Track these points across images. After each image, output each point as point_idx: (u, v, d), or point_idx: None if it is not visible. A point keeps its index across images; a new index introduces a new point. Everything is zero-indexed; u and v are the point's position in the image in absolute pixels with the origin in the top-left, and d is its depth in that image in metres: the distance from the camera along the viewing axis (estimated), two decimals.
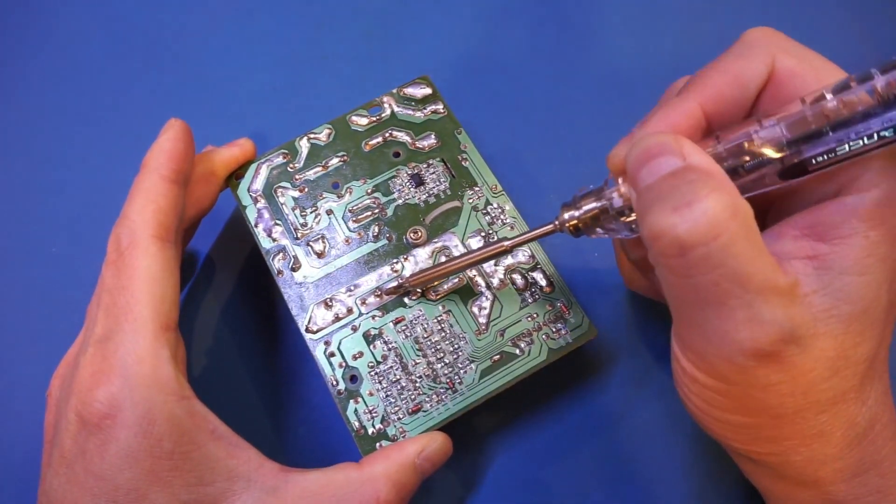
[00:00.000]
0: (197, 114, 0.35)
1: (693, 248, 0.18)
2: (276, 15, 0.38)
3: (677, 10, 0.38)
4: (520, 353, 0.27)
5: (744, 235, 0.18)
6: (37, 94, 0.36)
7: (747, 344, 0.19)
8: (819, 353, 0.19)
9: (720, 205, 0.18)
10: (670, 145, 0.20)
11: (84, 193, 0.34)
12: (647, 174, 0.20)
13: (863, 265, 0.20)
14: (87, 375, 0.22)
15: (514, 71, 0.37)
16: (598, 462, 0.29)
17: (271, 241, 0.29)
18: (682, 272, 0.19)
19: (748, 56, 0.22)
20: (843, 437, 0.20)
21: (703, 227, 0.18)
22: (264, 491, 0.23)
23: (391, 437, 0.26)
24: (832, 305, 0.19)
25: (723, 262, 0.18)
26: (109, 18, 0.38)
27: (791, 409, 0.20)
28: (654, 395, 0.30)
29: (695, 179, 0.19)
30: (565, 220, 0.24)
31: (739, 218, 0.18)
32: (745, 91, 0.22)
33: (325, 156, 0.30)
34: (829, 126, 0.19)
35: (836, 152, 0.19)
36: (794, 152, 0.20)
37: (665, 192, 0.19)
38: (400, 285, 0.27)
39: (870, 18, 0.38)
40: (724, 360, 0.19)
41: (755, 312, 0.18)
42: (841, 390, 0.20)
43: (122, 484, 0.21)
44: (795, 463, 0.21)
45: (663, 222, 0.18)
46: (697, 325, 0.20)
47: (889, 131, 0.19)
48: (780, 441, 0.21)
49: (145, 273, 0.24)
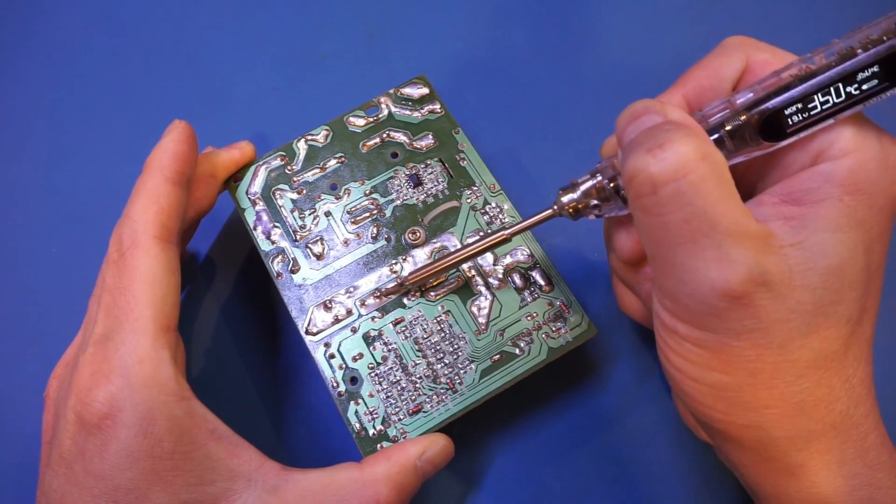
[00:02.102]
0: (196, 114, 0.35)
1: (664, 184, 0.19)
2: (275, 15, 0.39)
3: (675, 10, 0.39)
4: (520, 353, 0.27)
5: (714, 178, 0.19)
6: (37, 94, 0.36)
7: (718, 283, 0.19)
8: (794, 304, 0.19)
9: (690, 147, 0.19)
10: (654, 106, 0.21)
11: (84, 193, 0.34)
12: (631, 130, 0.21)
13: (836, 224, 0.20)
14: (86, 375, 0.22)
15: (511, 70, 0.37)
16: (597, 462, 0.29)
17: (270, 244, 0.29)
18: (654, 210, 0.20)
19: (725, 54, 0.24)
20: (827, 412, 0.20)
21: (672, 164, 0.19)
22: (265, 490, 0.23)
23: (392, 439, 0.26)
24: (808, 259, 0.20)
25: (691, 200, 0.19)
26: (110, 19, 0.38)
27: (769, 365, 0.20)
28: (653, 394, 0.30)
29: (670, 128, 0.20)
30: (564, 204, 0.25)
31: (709, 161, 0.19)
32: (722, 82, 0.23)
33: (323, 157, 0.31)
34: (798, 80, 0.21)
35: (810, 111, 0.20)
36: (768, 107, 0.21)
37: (643, 139, 0.20)
38: (401, 283, 0.27)
39: (872, 17, 0.38)
40: (697, 301, 0.20)
41: (724, 252, 0.19)
42: (822, 353, 0.20)
43: (122, 484, 0.21)
44: (778, 440, 0.21)
45: (638, 162, 0.19)
46: (671, 267, 0.20)
47: (854, 87, 0.20)
48: (760, 409, 0.20)
49: (147, 274, 0.24)
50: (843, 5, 0.39)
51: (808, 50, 0.23)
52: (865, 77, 0.20)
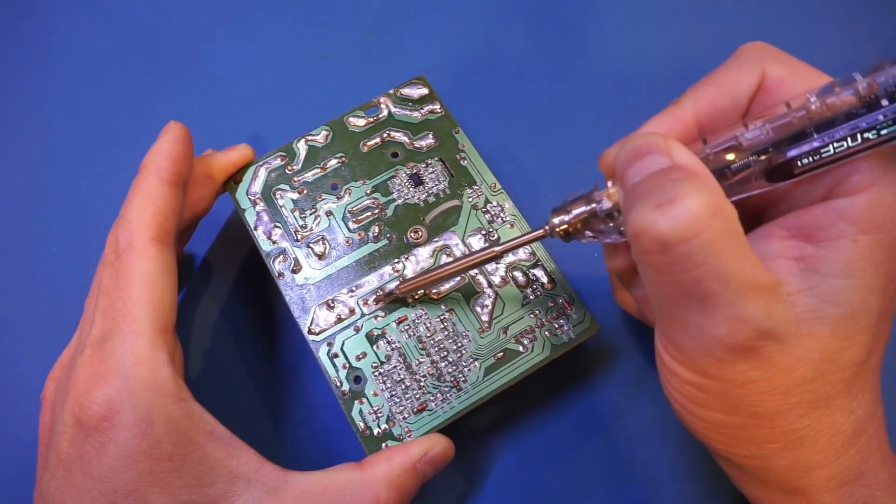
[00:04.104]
0: (196, 114, 0.35)
1: (674, 245, 0.18)
2: (275, 15, 0.38)
3: (675, 10, 0.38)
4: (523, 350, 0.27)
5: (725, 234, 0.18)
6: (36, 94, 0.36)
7: (726, 340, 0.18)
8: (802, 353, 0.19)
9: (702, 203, 0.18)
10: (658, 145, 0.20)
11: (84, 193, 0.34)
12: (634, 172, 0.20)
13: (851, 269, 0.19)
14: (84, 377, 0.22)
15: (511, 69, 0.37)
16: (598, 462, 0.29)
17: (271, 244, 0.29)
18: (664, 269, 0.19)
19: (740, 67, 0.22)
20: (828, 445, 0.20)
21: (684, 224, 0.18)
22: (265, 491, 0.22)
23: (397, 437, 0.25)
24: (817, 307, 0.19)
25: (704, 260, 0.18)
26: (109, 19, 0.38)
27: (771, 409, 0.19)
28: (654, 394, 0.30)
29: (679, 178, 0.19)
30: (555, 225, 0.24)
31: (721, 216, 0.18)
32: (736, 101, 0.22)
33: (324, 157, 0.30)
34: (812, 127, 0.19)
35: (822, 154, 0.19)
36: (778, 153, 0.20)
37: (649, 189, 0.19)
38: (390, 292, 0.27)
39: (868, 20, 0.38)
40: (704, 355, 0.19)
41: (735, 311, 0.18)
42: (825, 395, 0.20)
43: (120, 486, 0.21)
44: (778, 468, 0.21)
45: (646, 219, 0.18)
46: (679, 322, 0.19)
47: (872, 133, 0.19)
48: (761, 443, 0.20)
49: (143, 275, 0.24)
50: (844, 5, 0.38)
51: (811, 49, 0.22)
52: (885, 122, 0.19)
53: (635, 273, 0.25)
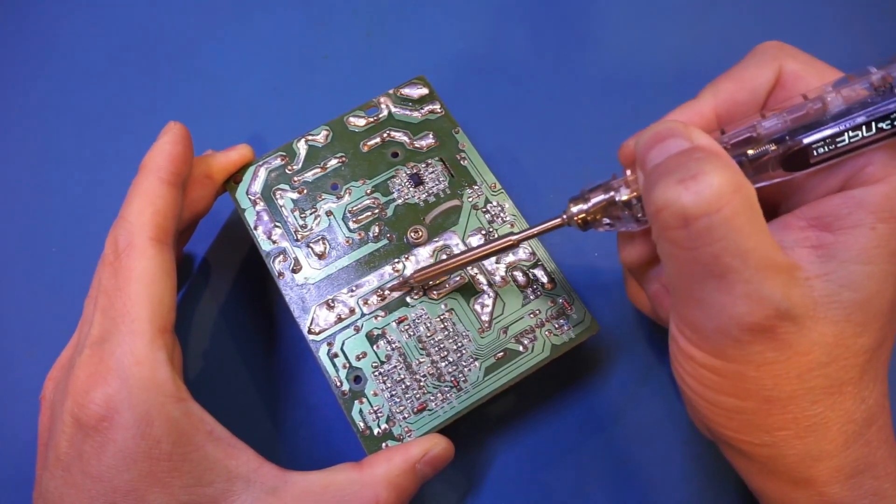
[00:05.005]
0: (196, 114, 0.35)
1: (696, 218, 0.18)
2: (275, 15, 0.38)
3: (675, 10, 0.38)
4: (523, 350, 0.27)
5: (746, 211, 0.18)
6: (36, 94, 0.36)
7: (745, 318, 0.19)
8: (817, 336, 0.19)
9: (724, 179, 0.18)
10: (679, 129, 0.20)
11: (84, 193, 0.34)
12: (655, 155, 0.20)
13: (868, 255, 0.20)
14: (83, 377, 0.22)
15: (511, 69, 0.37)
16: (598, 461, 0.29)
17: (271, 244, 0.29)
18: (684, 244, 0.19)
19: (757, 63, 0.23)
20: (840, 433, 0.20)
21: (707, 198, 0.18)
22: (264, 491, 0.22)
23: (397, 437, 0.25)
24: (834, 291, 0.19)
25: (724, 234, 0.18)
26: (109, 19, 0.38)
27: (785, 393, 0.20)
28: (655, 393, 0.30)
29: (701, 157, 0.19)
30: (573, 214, 0.24)
31: (742, 193, 0.19)
32: (754, 95, 0.23)
33: (324, 157, 0.30)
34: (829, 115, 0.20)
35: (837, 143, 0.20)
36: (794, 141, 0.20)
37: (672, 167, 0.19)
38: (405, 281, 0.27)
39: (868, 20, 0.38)
40: (721, 335, 0.19)
41: (754, 287, 0.19)
42: (838, 381, 0.20)
43: (119, 486, 0.21)
44: (788, 458, 0.21)
45: (669, 193, 0.19)
46: (697, 300, 0.20)
47: (886, 123, 0.19)
48: (772, 430, 0.20)
49: (143, 275, 0.24)
50: (844, 5, 0.38)
51: (811, 49, 0.23)
52: None
53: (649, 266, 0.25)
